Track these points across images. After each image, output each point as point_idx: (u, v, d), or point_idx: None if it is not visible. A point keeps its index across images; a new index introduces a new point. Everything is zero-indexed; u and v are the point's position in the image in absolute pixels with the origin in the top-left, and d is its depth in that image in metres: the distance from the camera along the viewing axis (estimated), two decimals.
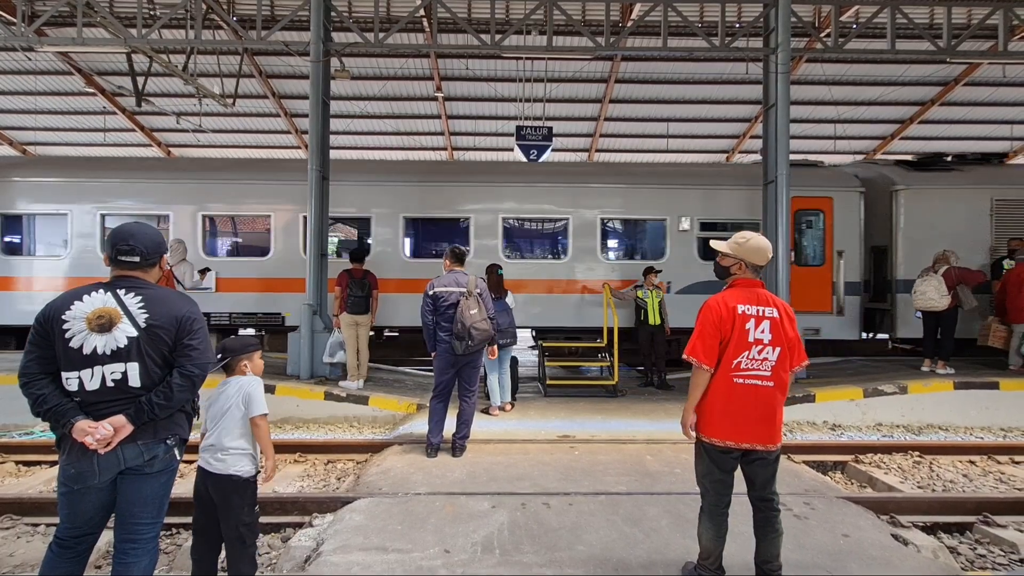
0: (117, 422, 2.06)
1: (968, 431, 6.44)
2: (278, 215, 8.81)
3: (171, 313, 2.18)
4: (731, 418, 2.57)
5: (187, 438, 2.31)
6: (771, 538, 2.61)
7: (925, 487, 4.59)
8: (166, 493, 2.25)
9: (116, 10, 11.45)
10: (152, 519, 2.20)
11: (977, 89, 14.63)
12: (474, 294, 4.63)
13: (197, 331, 2.20)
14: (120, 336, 2.10)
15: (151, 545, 2.21)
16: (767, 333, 2.57)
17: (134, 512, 2.16)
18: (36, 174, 8.98)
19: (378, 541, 3.17)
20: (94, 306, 2.11)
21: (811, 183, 8.88)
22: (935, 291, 6.92)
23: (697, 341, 2.63)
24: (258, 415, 2.59)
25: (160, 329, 2.15)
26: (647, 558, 3.00)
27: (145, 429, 2.13)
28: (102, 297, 2.14)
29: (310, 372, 7.20)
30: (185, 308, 2.22)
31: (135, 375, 2.11)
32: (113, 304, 2.13)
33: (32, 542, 3.45)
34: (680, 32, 11.42)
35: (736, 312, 2.59)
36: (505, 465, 4.46)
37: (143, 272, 2.25)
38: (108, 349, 2.08)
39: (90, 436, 2.02)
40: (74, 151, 17.05)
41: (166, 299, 2.22)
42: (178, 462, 2.29)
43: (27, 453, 5.06)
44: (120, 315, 2.11)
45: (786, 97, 7.47)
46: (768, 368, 2.56)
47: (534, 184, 9.08)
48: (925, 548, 3.23)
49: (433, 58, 13.29)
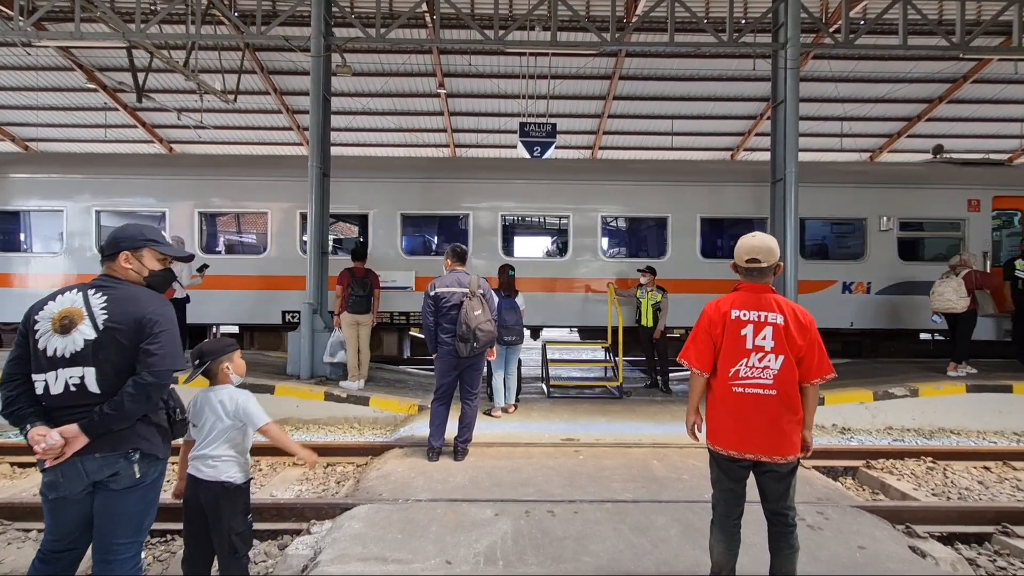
0: (68, 432, 1.93)
1: (981, 435, 6.31)
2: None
3: (132, 313, 2.01)
4: (734, 427, 2.48)
5: (159, 454, 2.10)
6: (786, 554, 2.50)
7: (940, 495, 4.46)
8: (143, 511, 2.09)
9: (116, 5, 11.34)
10: (128, 538, 2.06)
11: (986, 86, 14.43)
12: (477, 295, 4.50)
13: (159, 334, 2.00)
14: (78, 339, 1.97)
15: (130, 564, 2.07)
16: (769, 340, 2.44)
17: (109, 529, 2.03)
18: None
19: (377, 550, 3.06)
20: (63, 306, 2.02)
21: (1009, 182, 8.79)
22: (953, 292, 6.83)
23: (690, 344, 2.59)
24: (262, 426, 2.48)
25: (117, 331, 1.99)
26: (656, 570, 2.89)
27: (103, 441, 1.98)
28: (72, 297, 2.04)
29: (310, 372, 7.11)
30: (149, 308, 2.04)
31: (92, 380, 1.98)
32: (80, 304, 2.02)
33: (23, 548, 3.35)
34: (687, 28, 11.26)
35: (728, 317, 2.49)
36: (508, 470, 4.36)
37: (108, 267, 2.13)
38: (68, 352, 1.97)
39: (39, 444, 1.91)
40: (76, 147, 16.98)
41: (132, 298, 2.06)
42: (152, 479, 2.09)
43: (22, 454, 4.97)
44: (83, 316, 1.99)
45: (795, 93, 7.33)
46: (770, 377, 2.43)
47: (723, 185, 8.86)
48: (943, 560, 3.12)
49: (435, 54, 13.16)
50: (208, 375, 2.54)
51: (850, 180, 8.99)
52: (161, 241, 2.22)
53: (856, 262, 8.71)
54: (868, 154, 17.36)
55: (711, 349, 2.53)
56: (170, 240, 7.24)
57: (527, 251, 9.33)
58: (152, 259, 2.18)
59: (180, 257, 2.34)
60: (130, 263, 2.14)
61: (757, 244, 2.55)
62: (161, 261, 2.21)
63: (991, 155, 9.84)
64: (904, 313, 8.61)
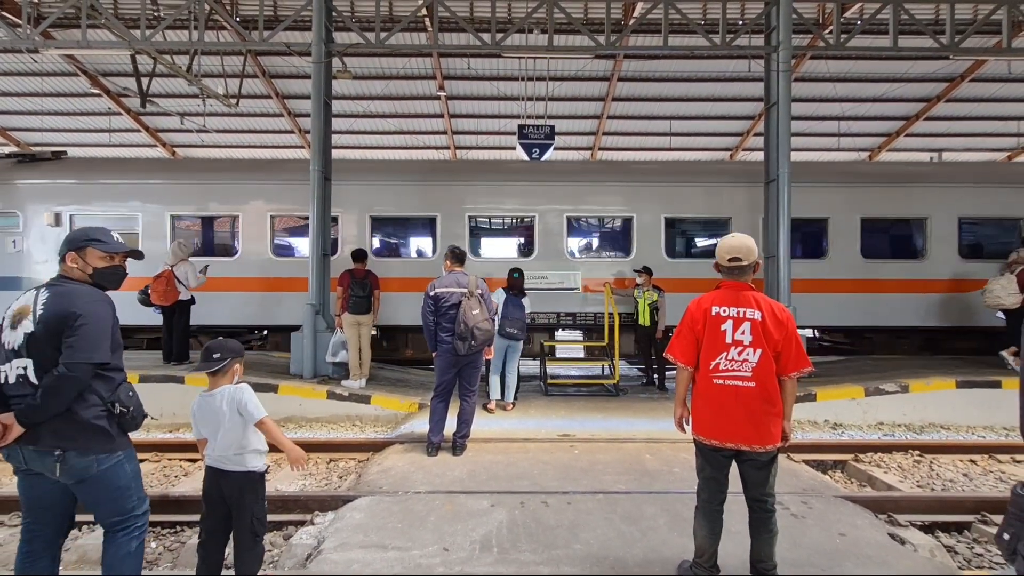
0: (6, 419, 2.08)
1: (970, 430, 6.43)
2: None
3: (59, 309, 2.13)
4: (714, 417, 2.63)
5: (92, 451, 2.15)
6: (764, 538, 2.64)
7: (924, 486, 4.59)
8: (116, 498, 2.24)
9: (120, 12, 11.52)
10: (117, 517, 2.25)
11: (983, 85, 14.51)
12: (475, 294, 4.65)
13: (78, 327, 2.10)
14: (20, 333, 2.15)
15: (121, 539, 2.26)
16: (747, 335, 2.59)
17: (94, 511, 2.26)
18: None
19: (378, 539, 3.21)
20: (20, 303, 2.21)
21: None
22: (1002, 289, 7.08)
23: (675, 340, 2.75)
24: (260, 419, 2.57)
25: (45, 325, 2.13)
26: (644, 556, 3.03)
27: (35, 436, 2.10)
28: (29, 295, 2.23)
29: (313, 371, 7.26)
30: (77, 304, 2.14)
31: (31, 372, 2.13)
32: (30, 302, 2.19)
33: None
34: (682, 30, 11.38)
35: (709, 313, 2.64)
36: (505, 464, 4.50)
37: (61, 267, 2.30)
38: (14, 345, 2.15)
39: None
40: (79, 152, 17.17)
41: (67, 295, 2.18)
42: (97, 472, 2.16)
43: None
44: (29, 312, 2.16)
45: (787, 96, 7.45)
46: (748, 369, 2.58)
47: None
48: (922, 547, 3.24)
49: (435, 57, 13.31)
50: (215, 373, 2.61)
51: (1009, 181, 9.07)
52: (105, 240, 2.34)
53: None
54: (866, 153, 17.45)
55: (694, 344, 2.68)
56: (170, 245, 7.26)
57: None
58: (95, 257, 2.30)
59: (125, 252, 2.40)
60: (75, 262, 2.29)
61: (737, 244, 2.70)
62: (103, 259, 2.32)
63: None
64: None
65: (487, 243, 9.32)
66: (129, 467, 2.29)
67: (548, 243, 8.87)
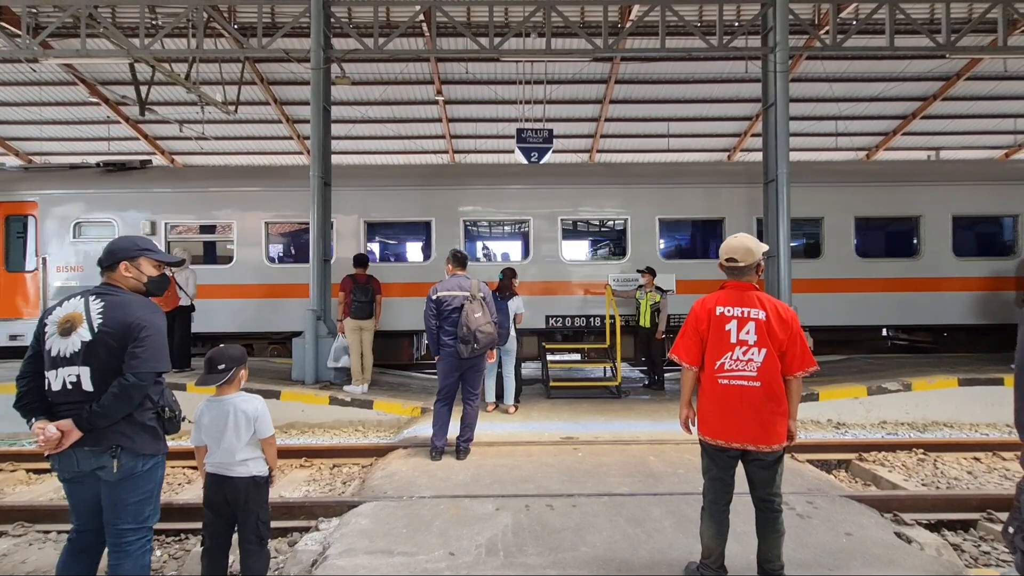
0: (64, 425, 2.14)
1: (974, 428, 6.42)
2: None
3: (122, 319, 2.18)
4: (720, 417, 2.62)
5: (143, 451, 2.23)
6: (772, 538, 2.63)
7: (929, 484, 4.59)
8: (141, 501, 2.26)
9: (119, 21, 11.55)
10: (131, 525, 2.24)
11: (979, 84, 14.56)
12: (478, 298, 4.65)
13: (144, 338, 2.17)
14: (76, 340, 2.17)
15: (135, 552, 2.24)
16: (752, 334, 2.59)
17: (112, 515, 2.24)
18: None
19: (383, 544, 3.20)
20: (67, 311, 2.22)
21: None
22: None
23: (680, 340, 2.76)
24: (270, 436, 2.63)
25: (108, 335, 2.17)
26: (650, 558, 3.02)
27: (92, 437, 2.17)
28: (75, 303, 2.24)
29: (315, 377, 7.25)
30: (139, 314, 2.21)
31: (87, 379, 2.16)
32: (81, 310, 2.20)
33: (44, 549, 3.50)
34: (678, 32, 11.42)
35: (713, 313, 2.65)
36: (509, 467, 4.49)
37: (108, 277, 2.32)
38: (67, 352, 2.17)
39: (39, 436, 2.13)
40: (79, 160, 17.17)
41: (125, 304, 2.23)
42: (142, 472, 2.24)
43: (37, 461, 5.12)
44: (82, 320, 2.18)
45: (785, 96, 7.48)
46: (753, 369, 2.58)
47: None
48: (928, 546, 3.24)
49: (433, 62, 13.35)
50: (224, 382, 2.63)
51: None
52: (155, 249, 2.43)
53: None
54: (864, 153, 17.49)
55: (699, 344, 2.68)
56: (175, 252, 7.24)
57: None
58: (149, 266, 2.38)
59: (173, 263, 2.52)
60: (129, 271, 2.33)
61: (735, 245, 2.71)
62: (155, 267, 2.40)
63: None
64: None
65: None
66: (160, 472, 2.35)
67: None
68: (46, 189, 8.91)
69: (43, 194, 8.86)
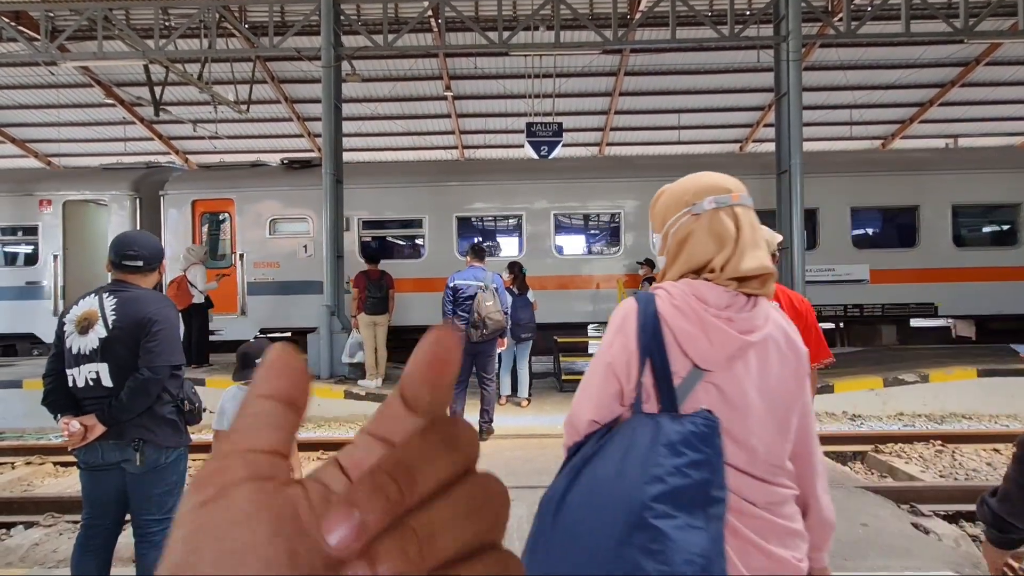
0: (88, 420, 2.21)
1: (993, 419, 6.33)
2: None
3: (134, 315, 2.24)
4: None
5: (165, 443, 2.29)
6: None
7: (947, 476, 4.54)
8: (165, 492, 2.31)
9: (133, 23, 11.70)
10: (156, 516, 2.29)
11: (999, 69, 14.22)
12: (491, 287, 4.96)
13: (156, 333, 2.22)
14: (94, 338, 2.22)
15: (161, 542, 2.28)
16: None
17: (138, 506, 2.30)
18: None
19: None
20: (83, 309, 2.27)
21: None
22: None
23: None
24: None
25: (122, 330, 2.22)
26: None
27: (116, 430, 2.23)
28: (90, 300, 2.29)
29: (330, 372, 7.35)
30: (151, 309, 2.25)
31: (106, 375, 2.22)
32: (96, 307, 2.26)
33: (73, 539, 3.60)
34: (689, 22, 11.30)
35: None
36: (523, 459, 4.53)
37: (142, 277, 2.35)
38: (87, 349, 2.23)
39: (65, 430, 2.20)
40: (96, 161, 17.49)
41: (137, 300, 2.27)
42: (166, 463, 2.30)
43: (64, 454, 5.26)
44: (98, 317, 2.23)
45: (798, 85, 7.38)
46: None
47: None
48: (946, 537, 3.22)
49: (442, 58, 13.35)
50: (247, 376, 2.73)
51: None
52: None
53: None
54: (880, 141, 17.19)
55: None
56: (184, 250, 7.45)
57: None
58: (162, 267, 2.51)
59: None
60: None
61: None
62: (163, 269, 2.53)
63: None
64: None
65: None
66: (183, 464, 2.42)
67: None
68: (240, 188, 9.06)
69: (239, 192, 9.00)
